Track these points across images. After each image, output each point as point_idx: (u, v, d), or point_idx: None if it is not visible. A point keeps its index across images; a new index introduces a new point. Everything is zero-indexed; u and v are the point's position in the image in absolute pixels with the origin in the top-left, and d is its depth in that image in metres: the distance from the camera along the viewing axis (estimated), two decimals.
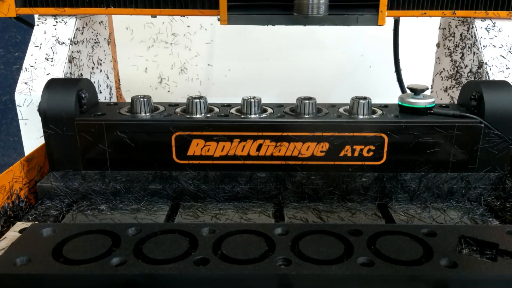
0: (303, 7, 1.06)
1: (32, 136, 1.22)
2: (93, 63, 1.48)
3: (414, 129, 1.09)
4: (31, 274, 0.67)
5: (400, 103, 1.15)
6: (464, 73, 1.45)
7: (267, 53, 2.17)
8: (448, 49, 1.57)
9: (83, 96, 1.11)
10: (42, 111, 1.08)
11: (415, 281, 0.68)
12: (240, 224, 0.93)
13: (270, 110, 1.16)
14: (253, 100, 1.12)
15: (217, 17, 1.25)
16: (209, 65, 2.22)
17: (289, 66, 2.18)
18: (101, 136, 1.09)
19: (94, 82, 1.44)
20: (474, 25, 1.36)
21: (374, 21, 1.23)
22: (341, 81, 2.20)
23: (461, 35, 1.47)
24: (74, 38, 1.32)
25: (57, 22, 1.33)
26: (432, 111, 1.13)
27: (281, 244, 0.74)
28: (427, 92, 1.18)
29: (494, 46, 1.33)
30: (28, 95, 1.21)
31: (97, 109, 1.16)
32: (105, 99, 1.59)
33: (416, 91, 1.13)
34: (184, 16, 1.99)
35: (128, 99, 1.16)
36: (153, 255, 0.71)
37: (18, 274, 0.68)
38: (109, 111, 1.14)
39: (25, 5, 1.30)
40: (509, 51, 1.32)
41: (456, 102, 1.26)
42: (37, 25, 1.33)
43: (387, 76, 1.82)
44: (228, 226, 0.82)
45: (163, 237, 0.76)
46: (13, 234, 0.86)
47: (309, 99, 1.13)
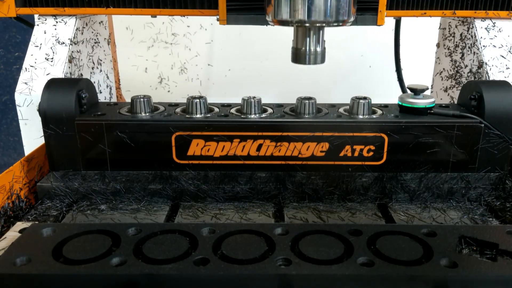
0: (301, 57, 1.09)
1: (32, 136, 1.22)
2: (93, 63, 1.48)
3: (414, 129, 1.09)
4: (31, 274, 0.67)
5: (400, 103, 1.15)
6: (464, 73, 1.45)
7: (267, 53, 2.17)
8: (448, 49, 1.57)
9: (83, 96, 1.11)
10: (42, 111, 1.08)
11: (415, 281, 0.67)
12: (240, 224, 0.93)
13: (270, 110, 1.16)
14: (253, 100, 1.12)
15: (216, 17, 1.25)
16: (209, 65, 2.22)
17: (289, 66, 2.17)
18: (101, 136, 1.09)
19: (94, 82, 1.44)
20: (474, 25, 1.36)
21: (373, 21, 1.23)
22: (341, 81, 2.20)
23: (461, 35, 1.47)
24: (74, 38, 1.32)
25: (57, 22, 1.33)
26: (432, 111, 1.12)
27: (281, 244, 0.74)
28: (427, 92, 1.18)
29: (494, 46, 1.33)
30: (28, 95, 1.21)
31: (97, 109, 1.16)
32: (105, 99, 1.59)
33: (416, 91, 1.13)
34: (184, 16, 1.99)
35: (128, 99, 1.16)
36: (153, 255, 0.71)
37: (18, 274, 0.68)
38: (109, 111, 1.14)
39: (25, 5, 1.30)
40: (509, 51, 1.32)
41: (456, 102, 1.26)
42: (37, 25, 1.33)
43: (387, 76, 1.82)
44: (228, 226, 0.82)
45: (163, 237, 0.76)
46: (13, 234, 0.86)
47: (309, 99, 1.13)
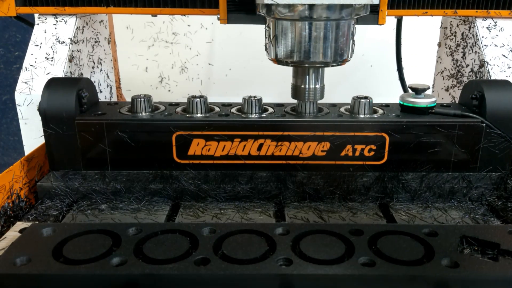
0: (300, 95, 1.10)
1: (32, 135, 1.22)
2: (94, 62, 1.48)
3: (415, 128, 1.08)
4: (31, 274, 0.67)
5: (401, 102, 1.15)
6: (466, 72, 1.44)
7: None
8: (450, 48, 1.57)
9: (83, 95, 1.11)
10: (42, 110, 1.08)
11: (416, 281, 0.67)
12: (240, 224, 0.93)
13: (271, 110, 1.15)
14: (253, 100, 1.12)
15: (217, 16, 1.25)
16: (209, 64, 2.21)
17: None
18: (101, 136, 1.09)
19: (94, 82, 1.44)
20: (475, 24, 1.36)
21: (374, 21, 1.23)
22: (342, 80, 2.20)
23: (462, 34, 1.47)
24: (74, 37, 1.32)
25: (57, 21, 1.32)
26: (434, 110, 1.12)
27: (282, 244, 0.74)
28: (429, 92, 1.18)
29: (496, 46, 1.33)
30: (28, 94, 1.20)
31: (97, 108, 1.16)
32: (105, 98, 1.59)
33: (418, 91, 1.13)
34: (185, 15, 1.98)
35: (129, 99, 1.16)
36: (154, 255, 0.71)
37: (18, 274, 0.67)
38: (109, 110, 1.14)
39: (25, 4, 1.30)
40: (510, 50, 1.32)
41: (457, 101, 1.26)
42: (37, 24, 1.32)
43: (388, 75, 1.81)
44: (229, 226, 0.82)
45: (163, 237, 0.76)
46: (13, 234, 0.86)
47: None
